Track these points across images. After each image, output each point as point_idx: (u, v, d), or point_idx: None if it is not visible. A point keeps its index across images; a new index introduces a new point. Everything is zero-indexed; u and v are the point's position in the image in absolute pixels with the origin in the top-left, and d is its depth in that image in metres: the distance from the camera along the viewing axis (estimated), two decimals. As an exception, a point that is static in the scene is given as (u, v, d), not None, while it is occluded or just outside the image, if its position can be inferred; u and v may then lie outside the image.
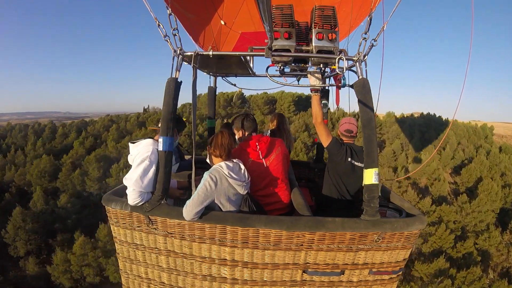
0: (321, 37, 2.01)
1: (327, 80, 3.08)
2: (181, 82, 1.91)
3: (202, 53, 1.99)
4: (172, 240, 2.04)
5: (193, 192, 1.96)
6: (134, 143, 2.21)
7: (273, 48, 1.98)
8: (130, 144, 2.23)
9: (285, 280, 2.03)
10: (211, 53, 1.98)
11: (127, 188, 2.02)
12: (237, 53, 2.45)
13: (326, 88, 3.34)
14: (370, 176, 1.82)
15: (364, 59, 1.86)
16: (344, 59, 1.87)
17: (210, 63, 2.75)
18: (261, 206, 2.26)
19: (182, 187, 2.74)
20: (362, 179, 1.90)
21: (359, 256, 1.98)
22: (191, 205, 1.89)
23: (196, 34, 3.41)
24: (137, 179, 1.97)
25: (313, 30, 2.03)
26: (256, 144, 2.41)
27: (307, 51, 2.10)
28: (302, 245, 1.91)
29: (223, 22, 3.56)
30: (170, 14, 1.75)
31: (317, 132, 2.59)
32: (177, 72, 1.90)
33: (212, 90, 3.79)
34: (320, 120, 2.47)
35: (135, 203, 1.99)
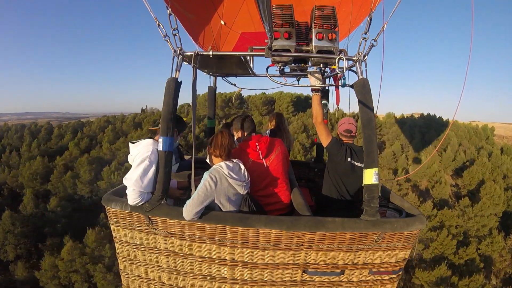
0: (321, 37, 2.01)
1: (327, 80, 3.09)
2: (181, 82, 1.91)
3: (202, 53, 1.99)
4: (172, 240, 2.04)
5: (192, 192, 1.96)
6: (134, 143, 2.21)
7: (273, 48, 1.98)
8: (130, 144, 2.22)
9: (285, 280, 2.03)
10: (211, 53, 1.98)
11: (127, 188, 2.02)
12: (237, 53, 2.46)
13: (326, 88, 3.35)
14: (370, 176, 1.83)
15: (364, 59, 1.86)
16: (344, 59, 1.87)
17: (210, 63, 2.74)
18: (261, 206, 2.26)
19: (182, 187, 2.74)
20: (362, 179, 1.91)
21: (359, 256, 1.98)
22: (191, 205, 1.89)
23: (196, 34, 3.41)
24: (137, 179, 1.97)
25: (313, 30, 2.03)
26: (256, 144, 2.40)
27: (307, 51, 2.10)
28: (302, 245, 1.91)
29: (223, 22, 3.56)
30: (170, 14, 1.75)
31: (317, 132, 2.60)
32: (177, 72, 1.90)
33: (212, 90, 3.79)
34: (320, 120, 2.47)
35: (135, 203, 1.99)
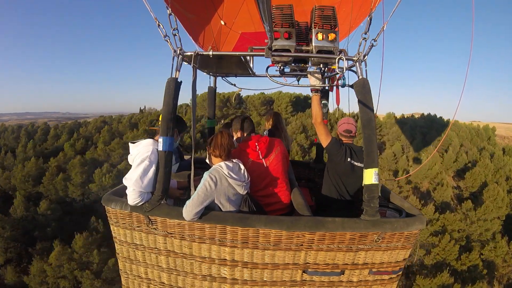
0: (321, 37, 2.01)
1: (326, 80, 3.08)
2: (181, 82, 1.91)
3: (202, 53, 1.99)
4: (172, 240, 2.04)
5: (192, 192, 1.96)
6: (134, 143, 2.21)
7: (273, 48, 1.98)
8: (130, 144, 2.22)
9: (285, 280, 2.03)
10: (211, 53, 1.98)
11: (127, 188, 2.02)
12: (237, 53, 2.46)
13: (326, 88, 3.34)
14: (370, 176, 1.83)
15: (364, 59, 1.86)
16: (344, 59, 1.87)
17: (210, 63, 2.74)
18: (261, 206, 2.26)
19: (182, 187, 2.73)
20: (362, 179, 1.90)
21: (359, 256, 1.98)
22: (191, 205, 1.89)
23: (196, 34, 3.41)
24: (137, 179, 1.97)
25: (313, 30, 2.03)
26: (256, 144, 2.40)
27: (307, 51, 2.10)
28: (302, 245, 1.91)
29: (223, 22, 3.56)
30: (170, 14, 1.75)
31: (317, 132, 2.60)
32: (177, 72, 1.90)
33: (212, 90, 3.79)
34: (319, 120, 2.47)
35: (135, 203, 1.99)
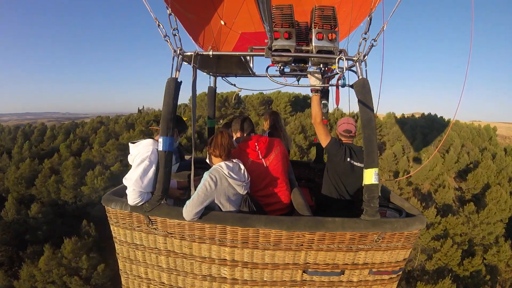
0: (321, 37, 2.01)
1: (327, 80, 3.08)
2: (181, 82, 1.91)
3: (202, 53, 1.99)
4: (172, 240, 2.04)
5: (192, 192, 1.96)
6: (134, 143, 2.21)
7: (273, 48, 1.98)
8: (130, 144, 2.22)
9: (285, 280, 2.03)
10: (211, 53, 1.98)
11: (127, 188, 2.02)
12: (237, 53, 2.46)
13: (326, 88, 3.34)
14: (370, 176, 1.82)
15: (364, 59, 1.86)
16: (344, 59, 1.87)
17: (210, 63, 2.74)
18: (261, 206, 2.26)
19: (182, 187, 2.73)
20: (362, 179, 1.91)
21: (359, 256, 1.98)
22: (191, 205, 1.89)
23: (196, 34, 3.40)
24: (137, 179, 1.97)
25: (313, 30, 2.03)
26: (255, 144, 2.40)
27: (307, 51, 2.10)
28: (302, 245, 1.91)
29: (223, 22, 3.56)
30: (170, 14, 1.75)
31: (316, 132, 2.60)
32: (177, 72, 1.90)
33: (212, 90, 3.79)
34: (319, 120, 2.47)
35: (135, 203, 1.99)
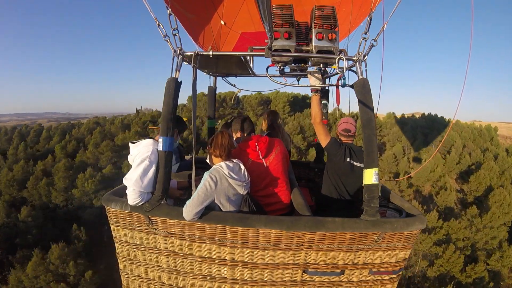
0: (321, 37, 2.01)
1: (327, 80, 3.08)
2: (181, 82, 1.91)
3: (202, 53, 1.99)
4: (172, 240, 2.04)
5: (193, 192, 1.96)
6: (134, 143, 2.21)
7: (273, 48, 1.98)
8: (130, 144, 2.23)
9: (285, 280, 2.03)
10: (211, 53, 1.99)
11: (127, 188, 2.02)
12: (237, 53, 2.46)
13: (326, 88, 3.34)
14: (370, 176, 1.82)
15: (364, 59, 1.86)
16: (344, 59, 1.87)
17: (210, 63, 2.74)
18: (261, 206, 2.26)
19: (182, 187, 2.73)
20: (361, 179, 1.91)
21: (359, 256, 1.98)
22: (191, 205, 1.89)
23: (196, 34, 3.41)
24: (137, 179, 1.97)
25: (313, 30, 2.03)
26: (256, 144, 2.40)
27: (307, 51, 2.10)
28: (302, 245, 1.91)
29: (223, 22, 3.57)
30: (170, 14, 1.75)
31: (316, 132, 2.60)
32: (177, 72, 1.90)
33: (212, 90, 3.79)
34: (319, 120, 2.47)
35: (135, 203, 1.99)
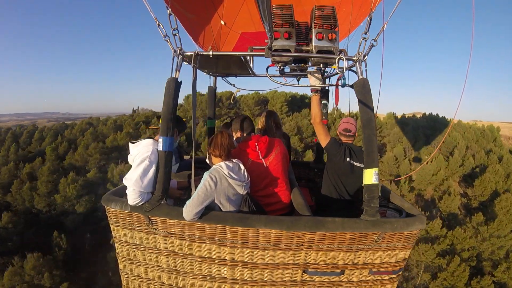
0: (321, 37, 2.01)
1: (327, 80, 3.09)
2: (181, 82, 1.91)
3: (202, 53, 1.99)
4: (172, 240, 2.04)
5: (192, 192, 1.96)
6: (134, 143, 2.21)
7: (273, 48, 1.98)
8: (130, 144, 2.23)
9: (285, 280, 2.03)
10: (211, 53, 1.99)
11: (127, 188, 2.02)
12: (237, 53, 2.46)
13: (326, 88, 3.35)
14: (370, 176, 1.82)
15: (364, 59, 1.86)
16: (344, 59, 1.87)
17: (210, 63, 2.74)
18: (261, 206, 2.26)
19: (182, 187, 2.74)
20: (361, 179, 1.91)
21: (359, 256, 1.98)
22: (191, 205, 1.89)
23: (196, 34, 3.41)
24: (137, 179, 1.97)
25: (313, 30, 2.03)
26: (255, 144, 2.40)
27: (307, 51, 2.10)
28: (302, 245, 1.91)
29: (223, 22, 3.57)
30: (170, 14, 1.75)
31: (316, 132, 2.60)
32: (177, 72, 1.90)
33: (212, 90, 3.79)
34: (318, 120, 2.47)
35: (135, 203, 1.99)
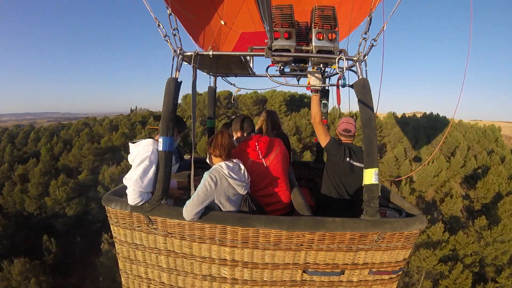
0: (321, 37, 2.01)
1: (327, 80, 3.09)
2: (181, 82, 1.91)
3: (202, 53, 1.99)
4: (172, 240, 2.04)
5: (192, 192, 1.96)
6: (134, 143, 2.21)
7: (273, 48, 1.98)
8: (130, 144, 2.23)
9: (285, 280, 2.03)
10: (211, 53, 1.99)
11: (127, 188, 2.02)
12: (237, 53, 2.46)
13: (326, 88, 3.35)
14: (370, 176, 1.82)
15: (364, 59, 1.86)
16: (344, 59, 1.87)
17: (210, 63, 2.74)
18: (261, 206, 2.26)
19: (182, 187, 2.73)
20: (361, 179, 1.91)
21: (359, 256, 1.98)
22: (191, 205, 1.89)
23: (196, 34, 3.41)
24: (137, 179, 1.97)
25: (313, 30, 2.03)
26: (256, 144, 2.40)
27: (307, 51, 2.10)
28: (302, 245, 1.91)
29: (223, 22, 3.57)
30: (170, 14, 1.75)
31: (316, 132, 2.60)
32: (177, 72, 1.90)
33: (212, 90, 3.79)
34: (318, 120, 2.47)
35: (135, 203, 1.99)
